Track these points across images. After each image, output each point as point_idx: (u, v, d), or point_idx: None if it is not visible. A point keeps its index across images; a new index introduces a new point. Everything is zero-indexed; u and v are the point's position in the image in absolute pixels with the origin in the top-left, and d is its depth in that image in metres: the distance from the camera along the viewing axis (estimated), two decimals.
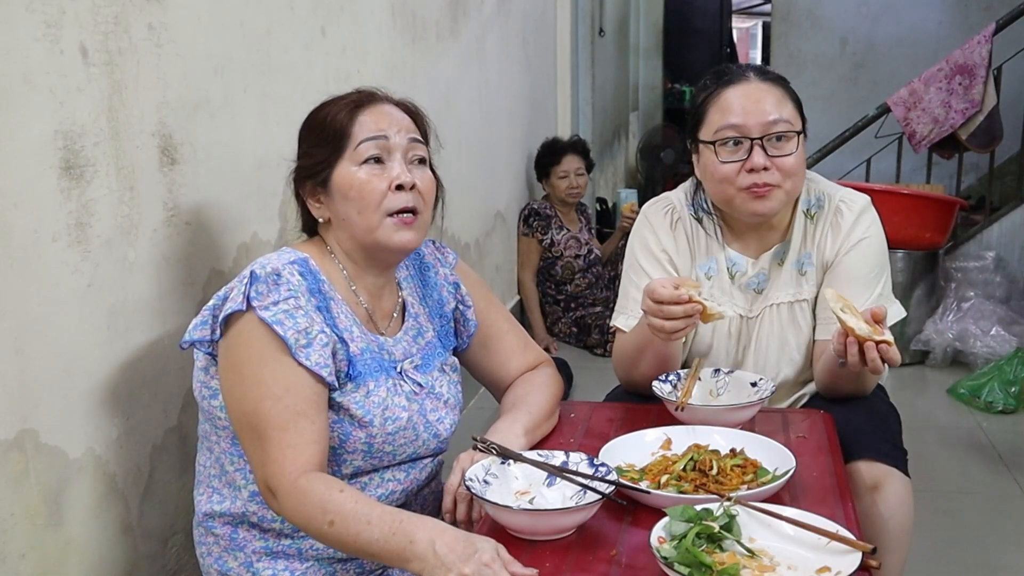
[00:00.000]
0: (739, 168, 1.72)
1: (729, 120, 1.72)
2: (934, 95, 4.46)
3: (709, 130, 1.76)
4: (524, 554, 1.23)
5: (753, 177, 1.71)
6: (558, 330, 4.51)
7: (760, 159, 1.70)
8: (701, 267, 1.87)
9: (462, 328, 1.68)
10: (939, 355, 4.15)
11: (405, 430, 1.48)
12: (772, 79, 1.77)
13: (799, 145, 1.73)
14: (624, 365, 1.83)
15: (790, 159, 1.71)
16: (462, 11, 3.51)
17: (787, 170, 1.71)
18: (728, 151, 1.73)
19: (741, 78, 1.75)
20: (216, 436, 1.48)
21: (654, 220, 1.90)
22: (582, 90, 5.91)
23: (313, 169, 1.49)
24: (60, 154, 1.38)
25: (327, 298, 1.45)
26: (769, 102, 1.72)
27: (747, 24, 16.38)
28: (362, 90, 1.53)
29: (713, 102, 1.76)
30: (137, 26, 1.55)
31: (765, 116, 1.70)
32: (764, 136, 1.70)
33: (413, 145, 1.50)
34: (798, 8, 6.45)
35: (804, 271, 1.83)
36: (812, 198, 1.84)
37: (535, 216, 4.46)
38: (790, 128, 1.71)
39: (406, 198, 1.46)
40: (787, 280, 1.84)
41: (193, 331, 1.42)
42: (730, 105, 1.73)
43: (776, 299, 1.84)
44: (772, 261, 1.84)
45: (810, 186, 1.84)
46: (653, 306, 1.56)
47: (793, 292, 1.83)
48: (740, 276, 1.85)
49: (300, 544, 1.45)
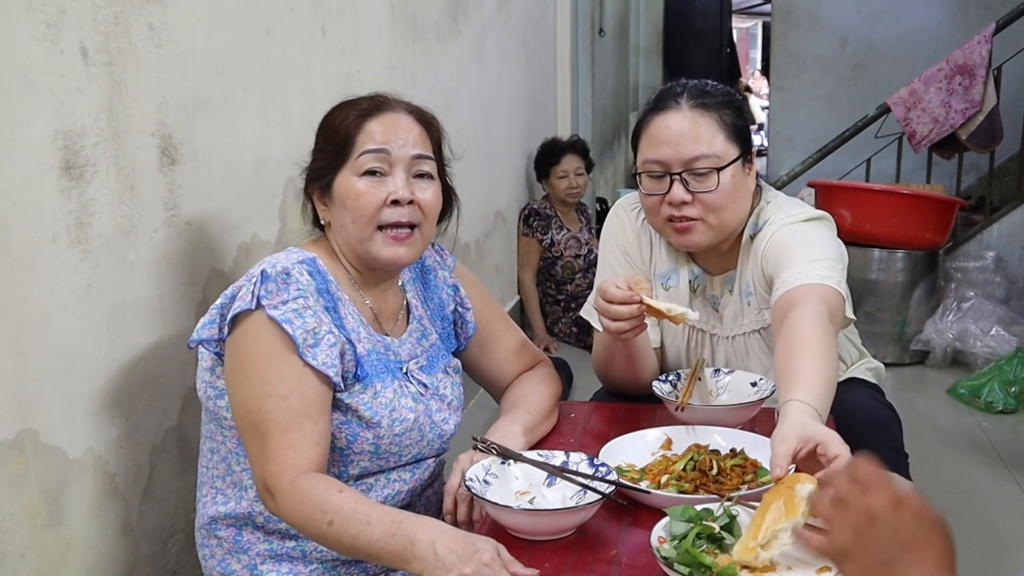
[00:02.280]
0: (660, 200, 1.70)
1: (653, 153, 1.70)
2: (934, 95, 4.46)
3: (640, 159, 1.74)
4: (524, 554, 1.23)
5: (672, 210, 1.69)
6: (558, 330, 4.51)
7: (679, 193, 1.67)
8: (660, 277, 1.86)
9: (461, 330, 1.69)
10: (939, 355, 4.15)
11: (411, 431, 1.48)
12: (707, 105, 1.69)
13: (722, 180, 1.66)
14: (600, 365, 1.86)
15: (712, 195, 1.66)
16: (462, 11, 3.51)
17: (709, 205, 1.67)
18: (652, 182, 1.71)
19: (671, 106, 1.70)
20: (222, 436, 1.48)
21: (622, 215, 1.89)
22: (582, 90, 5.91)
23: (318, 173, 1.50)
24: (60, 154, 1.38)
25: (335, 298, 1.45)
26: (695, 135, 1.66)
27: (747, 24, 16.39)
28: (377, 96, 1.52)
29: (644, 130, 1.74)
30: (137, 26, 1.55)
31: (687, 152, 1.66)
32: (684, 171, 1.67)
33: (418, 161, 1.49)
34: (798, 8, 6.45)
35: (749, 302, 1.78)
36: (760, 223, 1.75)
37: (535, 216, 4.46)
38: (716, 163, 1.66)
39: (401, 213, 1.46)
40: (736, 311, 1.81)
41: (201, 330, 1.42)
42: (657, 136, 1.70)
43: (728, 331, 1.82)
44: (723, 287, 1.82)
45: (763, 209, 1.77)
46: (603, 304, 1.56)
47: (743, 323, 1.80)
48: (701, 288, 1.83)
49: (304, 546, 1.45)
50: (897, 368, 4.11)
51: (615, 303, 1.54)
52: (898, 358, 4.17)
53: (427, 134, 1.52)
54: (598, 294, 1.58)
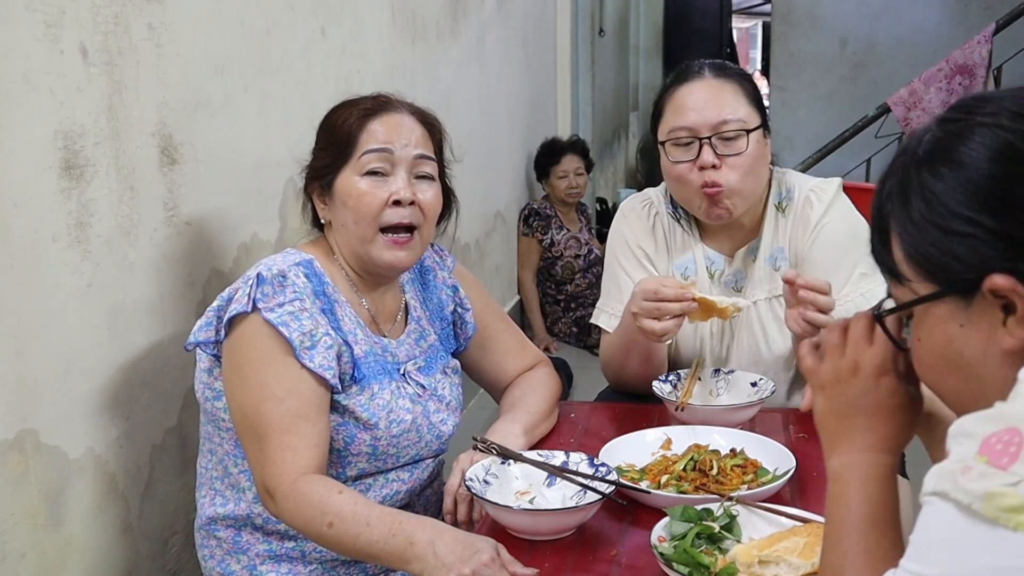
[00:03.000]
0: (690, 167, 1.71)
1: (680, 120, 1.72)
2: (934, 95, 4.46)
3: (664, 129, 1.76)
4: (524, 554, 1.23)
5: (704, 175, 1.70)
6: (558, 330, 4.51)
7: (709, 157, 1.69)
8: (678, 267, 1.86)
9: (460, 330, 1.68)
10: None
11: (409, 432, 1.48)
12: (729, 75, 1.75)
13: (750, 143, 1.71)
14: (612, 366, 1.83)
15: (741, 157, 1.70)
16: (462, 11, 3.51)
17: (738, 168, 1.70)
18: (680, 150, 1.73)
19: (695, 76, 1.74)
20: (219, 438, 1.48)
21: (631, 216, 1.89)
22: (582, 90, 5.91)
23: (320, 172, 1.49)
24: (60, 154, 1.38)
25: (331, 300, 1.45)
26: (721, 100, 1.71)
27: (747, 24, 16.39)
28: (379, 96, 1.52)
29: (668, 101, 1.76)
30: (137, 26, 1.55)
31: (715, 115, 1.69)
32: (713, 135, 1.69)
33: (420, 161, 1.49)
34: (798, 8, 6.44)
35: (778, 266, 1.81)
36: (783, 191, 1.82)
37: (535, 216, 4.46)
38: (742, 127, 1.70)
39: (403, 213, 1.45)
40: (761, 276, 1.82)
41: (198, 332, 1.42)
42: (682, 104, 1.73)
43: (753, 296, 1.82)
44: (746, 258, 1.83)
45: (781, 179, 1.83)
46: (648, 306, 1.55)
47: (768, 288, 1.81)
48: (718, 274, 1.84)
49: (303, 547, 1.45)
50: None
51: (668, 301, 1.53)
52: None
53: (429, 135, 1.52)
54: (642, 296, 1.56)
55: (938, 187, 0.80)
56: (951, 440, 0.73)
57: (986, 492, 0.67)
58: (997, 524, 0.66)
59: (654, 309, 1.54)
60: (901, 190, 0.84)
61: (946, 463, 0.72)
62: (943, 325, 0.83)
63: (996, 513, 0.66)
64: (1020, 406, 0.71)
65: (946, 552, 0.70)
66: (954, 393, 0.87)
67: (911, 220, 0.82)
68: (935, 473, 0.72)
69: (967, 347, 0.82)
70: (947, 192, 0.79)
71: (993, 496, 0.67)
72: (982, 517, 0.67)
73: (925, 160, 0.82)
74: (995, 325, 0.79)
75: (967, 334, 0.81)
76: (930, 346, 0.85)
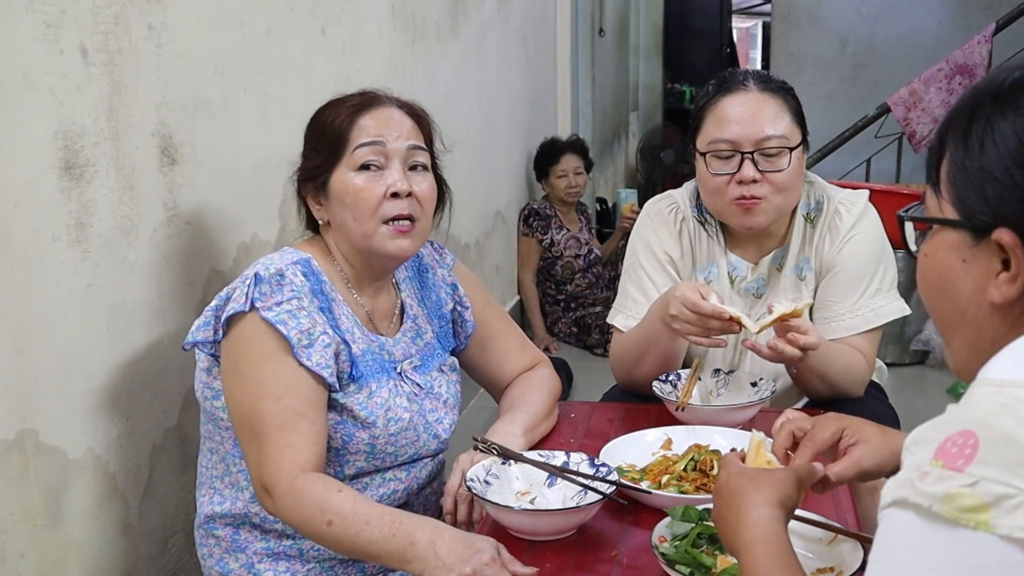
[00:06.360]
0: (729, 180, 1.71)
1: (722, 133, 1.71)
2: (934, 95, 4.46)
3: (704, 140, 1.75)
4: (525, 554, 1.23)
5: (742, 189, 1.70)
6: (558, 330, 4.51)
7: (750, 172, 1.69)
8: (701, 271, 1.86)
9: (460, 329, 1.68)
10: (939, 355, 4.15)
11: (407, 431, 1.48)
12: (773, 89, 1.74)
13: (792, 160, 1.71)
14: (625, 366, 1.83)
15: (781, 175, 1.70)
16: (462, 11, 3.51)
17: (778, 185, 1.70)
18: (719, 163, 1.72)
19: (740, 87, 1.73)
20: (220, 437, 1.48)
21: (657, 220, 1.88)
22: (582, 90, 5.91)
23: (313, 172, 1.49)
24: (60, 154, 1.38)
25: (329, 299, 1.45)
26: (765, 116, 1.70)
27: (747, 24, 16.39)
28: (366, 92, 1.52)
29: (710, 111, 1.75)
30: (137, 26, 1.55)
31: (758, 131, 1.69)
32: (755, 151, 1.69)
33: (413, 152, 1.49)
34: (798, 8, 6.44)
35: (803, 276, 1.82)
36: (812, 202, 1.82)
37: (535, 216, 4.45)
38: (784, 144, 1.70)
39: (402, 205, 1.45)
40: (786, 285, 1.82)
41: (196, 332, 1.42)
42: (725, 116, 1.72)
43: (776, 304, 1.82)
44: (771, 266, 1.83)
45: (810, 190, 1.83)
46: (691, 316, 1.55)
47: (792, 297, 1.80)
48: (740, 281, 1.84)
49: (301, 545, 1.45)
50: (897, 368, 4.10)
51: (707, 316, 1.54)
52: (898, 358, 4.16)
53: (419, 127, 1.53)
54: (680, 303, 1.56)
55: (999, 126, 0.81)
56: (905, 452, 0.74)
57: (945, 494, 0.67)
58: (958, 524, 0.67)
59: (696, 320, 1.55)
60: (971, 115, 0.84)
61: (901, 473, 0.72)
62: (949, 251, 0.85)
63: (956, 514, 0.67)
64: (972, 409, 0.71)
65: (908, 557, 0.70)
66: (940, 315, 0.89)
67: (964, 146, 0.83)
68: (892, 484, 0.72)
69: (962, 281, 0.84)
70: (1004, 135, 0.80)
71: (952, 497, 0.67)
72: (942, 519, 0.67)
73: (1003, 95, 0.82)
74: (989, 274, 0.81)
75: (966, 269, 0.83)
76: (932, 264, 0.88)
